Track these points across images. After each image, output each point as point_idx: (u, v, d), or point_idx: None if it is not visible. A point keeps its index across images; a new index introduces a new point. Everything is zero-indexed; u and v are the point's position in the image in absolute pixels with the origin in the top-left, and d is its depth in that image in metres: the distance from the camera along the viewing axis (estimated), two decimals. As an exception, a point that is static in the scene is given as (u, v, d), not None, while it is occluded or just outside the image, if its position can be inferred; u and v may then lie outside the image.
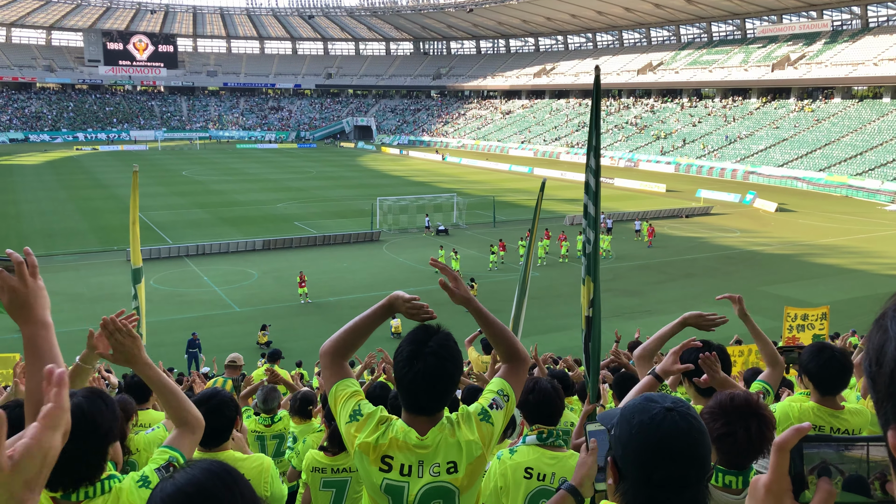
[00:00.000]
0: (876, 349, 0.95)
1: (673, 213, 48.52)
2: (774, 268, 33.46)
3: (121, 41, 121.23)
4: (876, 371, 0.94)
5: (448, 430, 2.61)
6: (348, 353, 2.86)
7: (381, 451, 2.56)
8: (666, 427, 1.73)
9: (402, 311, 2.78)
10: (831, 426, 4.03)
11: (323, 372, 2.87)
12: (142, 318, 13.40)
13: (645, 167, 76.33)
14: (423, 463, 2.55)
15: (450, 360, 2.58)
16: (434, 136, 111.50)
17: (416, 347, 2.58)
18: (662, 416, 1.74)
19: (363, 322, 2.83)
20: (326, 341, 2.84)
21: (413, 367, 2.55)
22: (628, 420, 1.78)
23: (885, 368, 0.92)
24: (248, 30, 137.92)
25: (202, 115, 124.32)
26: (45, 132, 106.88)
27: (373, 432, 2.59)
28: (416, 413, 2.63)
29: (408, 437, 2.57)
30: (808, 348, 4.21)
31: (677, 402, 1.80)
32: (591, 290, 7.12)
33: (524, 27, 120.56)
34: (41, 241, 37.85)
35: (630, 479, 1.76)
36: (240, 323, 25.55)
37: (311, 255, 35.52)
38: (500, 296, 27.06)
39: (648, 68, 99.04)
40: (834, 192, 58.24)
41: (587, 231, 7.20)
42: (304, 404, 6.59)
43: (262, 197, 54.77)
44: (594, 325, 7.24)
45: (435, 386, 2.57)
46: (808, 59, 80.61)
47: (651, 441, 1.72)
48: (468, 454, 2.58)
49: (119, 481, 2.53)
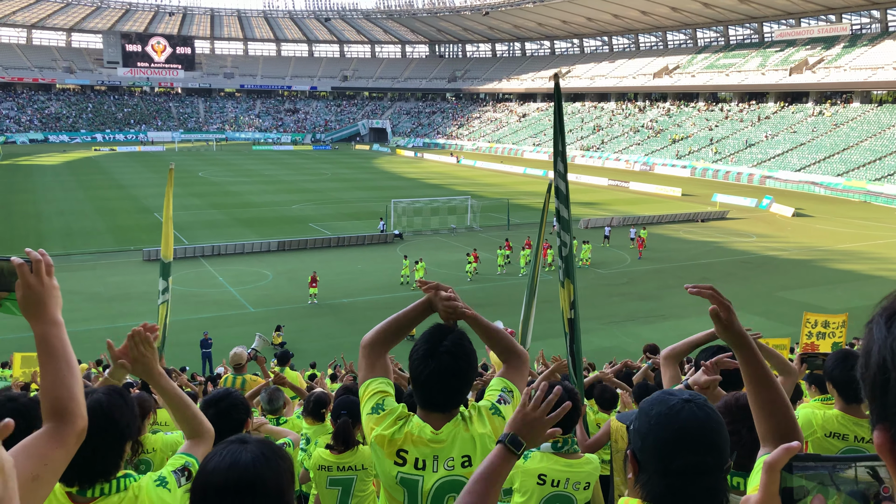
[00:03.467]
0: (864, 352, 1.00)
1: (688, 217, 48.24)
2: (792, 273, 33.18)
3: (139, 43, 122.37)
4: (864, 374, 0.99)
5: (462, 425, 2.66)
6: (387, 347, 2.92)
7: (396, 444, 2.62)
8: (684, 416, 1.77)
9: (439, 309, 2.81)
10: (855, 434, 4.01)
11: (360, 362, 2.91)
12: (168, 313, 13.51)
13: (660, 171, 75.98)
14: (437, 457, 2.60)
15: (464, 358, 2.64)
16: (449, 138, 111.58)
17: (431, 346, 2.64)
18: (680, 406, 1.78)
19: (403, 318, 2.89)
20: (367, 333, 2.91)
21: (428, 364, 2.61)
22: (647, 412, 1.83)
23: (870, 371, 0.97)
24: (264, 32, 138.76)
25: (219, 116, 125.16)
26: (65, 133, 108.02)
27: (390, 426, 2.65)
28: (431, 409, 2.68)
29: (423, 432, 2.62)
30: (832, 355, 4.18)
31: (695, 395, 1.85)
32: (570, 292, 7.13)
33: (540, 30, 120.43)
34: (59, 240, 38.25)
35: (649, 469, 1.79)
36: (254, 323, 25.66)
37: (326, 257, 35.65)
38: (499, 298, 27.10)
39: (665, 72, 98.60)
40: (852, 197, 57.68)
41: (562, 234, 7.23)
42: (316, 406, 6.60)
43: (278, 198, 55.04)
44: (576, 326, 7.25)
45: (449, 383, 2.64)
46: (826, 63, 79.93)
47: (670, 430, 1.76)
48: (482, 448, 2.62)
49: (135, 480, 2.55)
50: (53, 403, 1.89)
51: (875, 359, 0.95)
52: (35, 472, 1.78)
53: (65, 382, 1.91)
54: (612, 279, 32.35)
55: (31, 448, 1.80)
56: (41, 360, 1.93)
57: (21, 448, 1.80)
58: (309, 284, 28.31)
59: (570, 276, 7.21)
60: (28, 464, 1.77)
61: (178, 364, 16.27)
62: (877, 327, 0.98)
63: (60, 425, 1.87)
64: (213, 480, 1.75)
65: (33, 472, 1.77)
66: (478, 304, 17.47)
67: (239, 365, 9.02)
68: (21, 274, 1.92)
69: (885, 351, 0.94)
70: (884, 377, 0.93)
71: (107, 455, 2.44)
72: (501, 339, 2.96)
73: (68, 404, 1.90)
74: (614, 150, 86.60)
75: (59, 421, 1.88)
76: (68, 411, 1.90)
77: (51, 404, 1.89)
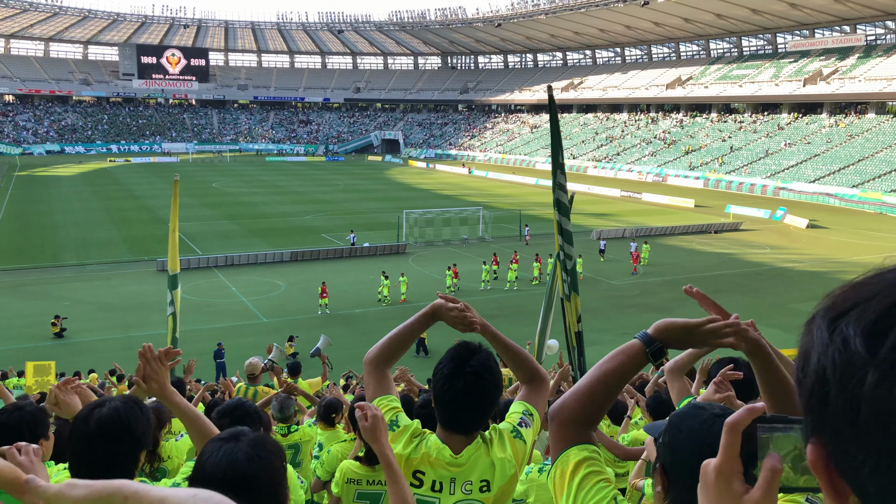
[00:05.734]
0: (802, 355, 0.92)
1: (701, 228, 48.02)
2: (806, 285, 32.91)
3: (154, 55, 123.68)
4: (801, 378, 0.91)
5: (483, 448, 2.61)
6: (391, 361, 2.88)
7: (412, 465, 2.58)
8: (715, 431, 1.74)
9: (446, 318, 2.77)
10: None
11: (365, 379, 2.89)
12: (177, 324, 13.60)
13: (673, 182, 75.75)
14: (455, 480, 2.56)
15: (490, 379, 2.57)
16: (461, 149, 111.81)
17: (457, 365, 2.57)
18: (712, 421, 1.76)
19: (406, 330, 2.84)
20: (370, 349, 2.86)
21: (454, 384, 2.54)
22: (677, 427, 1.80)
23: (807, 379, 0.89)
24: (278, 44, 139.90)
25: (232, 127, 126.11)
26: (80, 144, 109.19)
27: (406, 445, 2.61)
28: (453, 430, 2.62)
29: (441, 454, 2.57)
30: None
31: (725, 410, 1.82)
32: (577, 305, 7.10)
33: (552, 41, 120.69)
34: (74, 250, 38.60)
35: (679, 485, 1.76)
36: (267, 334, 25.73)
37: (338, 267, 35.75)
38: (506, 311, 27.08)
39: (677, 83, 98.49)
40: (868, 208, 57.23)
41: (564, 247, 7.19)
42: (327, 412, 6.59)
43: (290, 209, 55.30)
44: (583, 339, 7.23)
45: (474, 404, 2.56)
46: (841, 73, 79.57)
47: (701, 446, 1.72)
48: (501, 473, 2.58)
49: (152, 488, 2.57)
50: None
51: (814, 367, 0.87)
52: None
53: None
54: (624, 291, 32.23)
55: None
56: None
57: None
58: (319, 295, 28.40)
59: (576, 290, 7.19)
60: None
61: (196, 375, 16.32)
62: (818, 331, 0.89)
63: None
64: (209, 477, 1.78)
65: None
66: (490, 316, 17.44)
67: (253, 375, 9.03)
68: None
69: (825, 360, 0.85)
70: (823, 390, 0.85)
71: (123, 462, 2.47)
72: (524, 360, 2.89)
73: None
74: (627, 161, 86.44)
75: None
76: None
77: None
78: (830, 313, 0.89)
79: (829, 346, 0.85)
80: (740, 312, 2.13)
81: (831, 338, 0.86)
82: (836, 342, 0.85)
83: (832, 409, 0.83)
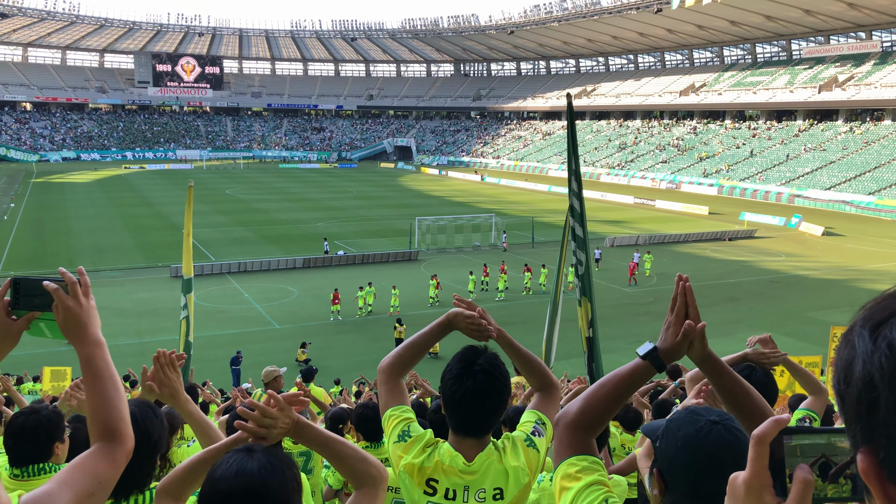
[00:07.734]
0: (844, 366, 0.92)
1: (716, 235, 47.75)
2: (822, 293, 32.63)
3: (169, 63, 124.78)
4: (844, 389, 0.91)
5: (496, 456, 2.61)
6: (406, 370, 2.89)
7: (425, 473, 2.58)
8: (713, 439, 1.74)
9: (462, 328, 2.78)
10: None
11: (379, 388, 2.89)
12: (191, 329, 13.65)
13: (687, 189, 75.41)
14: (468, 488, 2.55)
15: (499, 377, 2.59)
16: (473, 156, 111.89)
17: (465, 366, 2.59)
18: (709, 429, 1.75)
19: (421, 339, 2.85)
20: (385, 358, 2.87)
21: (463, 384, 2.55)
22: (674, 433, 1.79)
23: (852, 388, 0.89)
24: (292, 52, 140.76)
25: (246, 135, 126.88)
26: (96, 151, 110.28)
27: (419, 454, 2.61)
28: (464, 435, 2.62)
29: (454, 462, 2.57)
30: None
31: (722, 415, 1.81)
32: (588, 310, 7.08)
33: (565, 49, 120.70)
34: (89, 256, 38.89)
35: (677, 491, 1.77)
36: (279, 340, 25.82)
37: (350, 274, 35.78)
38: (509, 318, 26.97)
39: (691, 90, 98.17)
40: (884, 216, 56.70)
41: (577, 252, 7.19)
42: (333, 423, 6.54)
43: (303, 216, 55.50)
44: (595, 345, 7.20)
45: (484, 403, 2.57)
46: (856, 80, 79.02)
47: (698, 454, 1.73)
48: (515, 481, 2.58)
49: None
50: (104, 424, 1.90)
51: (859, 374, 0.88)
52: (91, 490, 1.79)
53: (113, 403, 1.92)
54: (637, 298, 32.07)
55: (86, 466, 1.83)
56: (87, 381, 1.92)
57: (76, 466, 1.83)
58: (331, 301, 28.46)
59: (588, 295, 7.18)
60: (85, 482, 1.79)
61: (203, 380, 16.38)
62: (859, 339, 0.90)
63: (111, 445, 1.89)
64: (220, 488, 1.78)
65: (89, 490, 1.79)
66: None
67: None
68: (58, 298, 1.89)
69: (871, 367, 0.86)
70: (871, 396, 0.85)
71: (142, 467, 2.48)
72: (537, 368, 2.90)
73: (118, 424, 1.92)
74: (640, 168, 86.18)
75: (109, 441, 1.89)
76: (119, 431, 1.91)
77: (101, 425, 1.90)
78: (870, 322, 0.90)
79: (874, 353, 0.86)
80: (754, 321, 2.10)
81: (875, 344, 0.87)
82: (882, 347, 0.86)
83: (883, 412, 0.84)
